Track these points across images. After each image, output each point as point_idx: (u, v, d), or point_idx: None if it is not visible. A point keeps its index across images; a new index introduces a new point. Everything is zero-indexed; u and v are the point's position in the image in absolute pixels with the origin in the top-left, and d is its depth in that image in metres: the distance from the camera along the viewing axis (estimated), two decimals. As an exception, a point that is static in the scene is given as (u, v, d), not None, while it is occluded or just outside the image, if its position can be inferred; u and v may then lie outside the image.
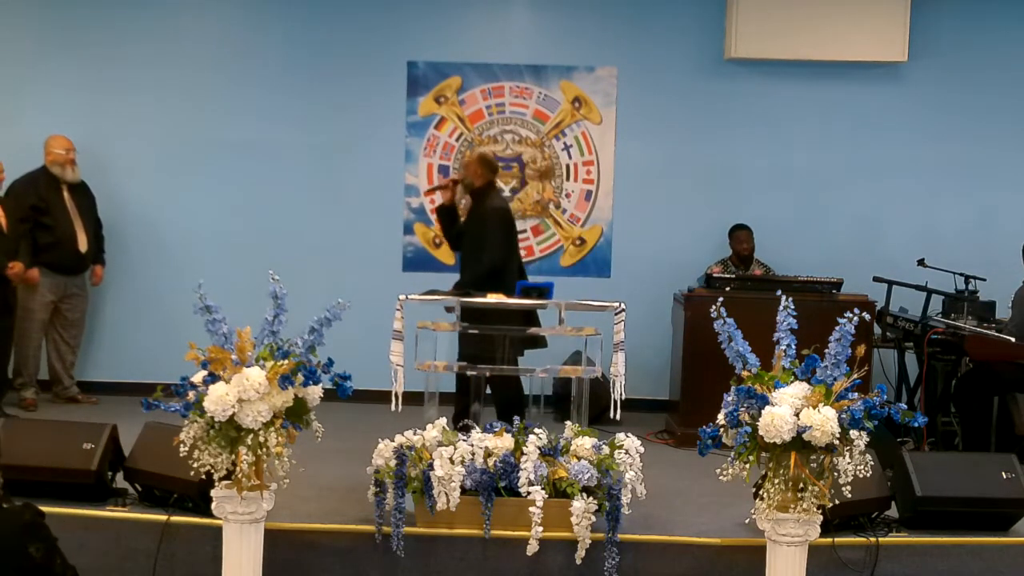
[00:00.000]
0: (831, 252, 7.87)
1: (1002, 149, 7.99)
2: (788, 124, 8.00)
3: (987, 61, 7.96)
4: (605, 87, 8.01)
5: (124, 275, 7.94)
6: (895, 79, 7.97)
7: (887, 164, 8.00)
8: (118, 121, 7.94)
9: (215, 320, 4.19)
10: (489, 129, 8.06)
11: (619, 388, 5.37)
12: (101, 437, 4.98)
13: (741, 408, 4.21)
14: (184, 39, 7.95)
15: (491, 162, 6.61)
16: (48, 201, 7.33)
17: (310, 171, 8.00)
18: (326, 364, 4.30)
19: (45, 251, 7.28)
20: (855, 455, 4.17)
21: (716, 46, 7.93)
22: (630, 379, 5.56)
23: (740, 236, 7.78)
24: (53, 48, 7.92)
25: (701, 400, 5.76)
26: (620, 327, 5.43)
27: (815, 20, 7.73)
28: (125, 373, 7.81)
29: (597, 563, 4.68)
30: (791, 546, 4.27)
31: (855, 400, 4.15)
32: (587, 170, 8.05)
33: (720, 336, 4.31)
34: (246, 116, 7.97)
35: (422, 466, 4.75)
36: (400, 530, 4.69)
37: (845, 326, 4.16)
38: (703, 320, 5.10)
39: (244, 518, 4.27)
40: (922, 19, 7.81)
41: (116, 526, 4.79)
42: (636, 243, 8.01)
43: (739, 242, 7.78)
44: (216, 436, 4.14)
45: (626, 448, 4.87)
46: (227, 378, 4.11)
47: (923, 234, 7.88)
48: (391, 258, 8.03)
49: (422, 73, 8.02)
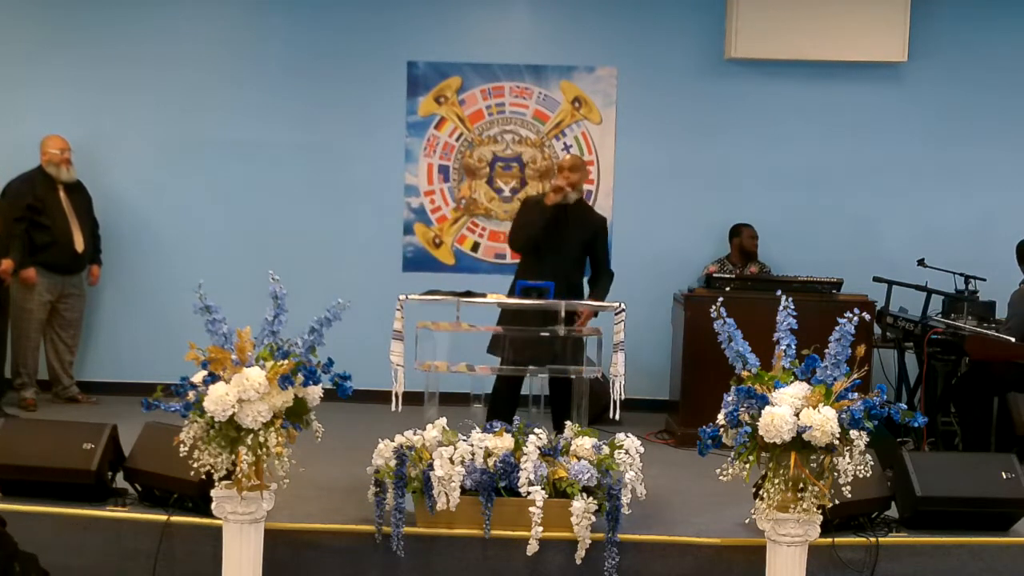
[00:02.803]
0: (831, 252, 7.87)
1: (1002, 149, 7.99)
2: (788, 124, 8.00)
3: (987, 61, 7.96)
4: (605, 87, 8.01)
5: (121, 275, 7.94)
6: (895, 79, 7.97)
7: (887, 164, 8.00)
8: (116, 121, 7.94)
9: (215, 320, 4.19)
10: (489, 129, 8.06)
11: (619, 388, 5.38)
12: (101, 437, 4.97)
13: (741, 408, 4.21)
14: (183, 39, 7.95)
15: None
16: (44, 201, 7.33)
17: (310, 171, 8.00)
18: (326, 364, 4.30)
19: (42, 251, 7.29)
20: (855, 455, 4.17)
21: (716, 46, 7.93)
22: (630, 379, 5.56)
23: (750, 233, 7.79)
24: (51, 48, 7.92)
25: (701, 400, 5.75)
26: (620, 327, 5.43)
27: (815, 20, 7.73)
28: (125, 373, 7.81)
29: (597, 563, 4.68)
30: (791, 546, 4.28)
31: (855, 400, 4.15)
32: (587, 170, 8.05)
33: (720, 336, 4.31)
34: (245, 116, 7.97)
35: (422, 466, 4.75)
36: (400, 530, 4.69)
37: (845, 326, 4.16)
38: (703, 320, 5.10)
39: (244, 518, 4.27)
40: (922, 19, 7.81)
41: (116, 526, 4.79)
42: (636, 243, 8.01)
43: (749, 238, 7.78)
44: (216, 436, 4.14)
45: (626, 448, 4.87)
46: (227, 378, 4.11)
47: (923, 234, 7.88)
48: (391, 258, 8.03)
49: (422, 73, 8.02)
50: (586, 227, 6.21)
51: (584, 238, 6.19)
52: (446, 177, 8.06)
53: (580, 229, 6.18)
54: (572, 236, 6.16)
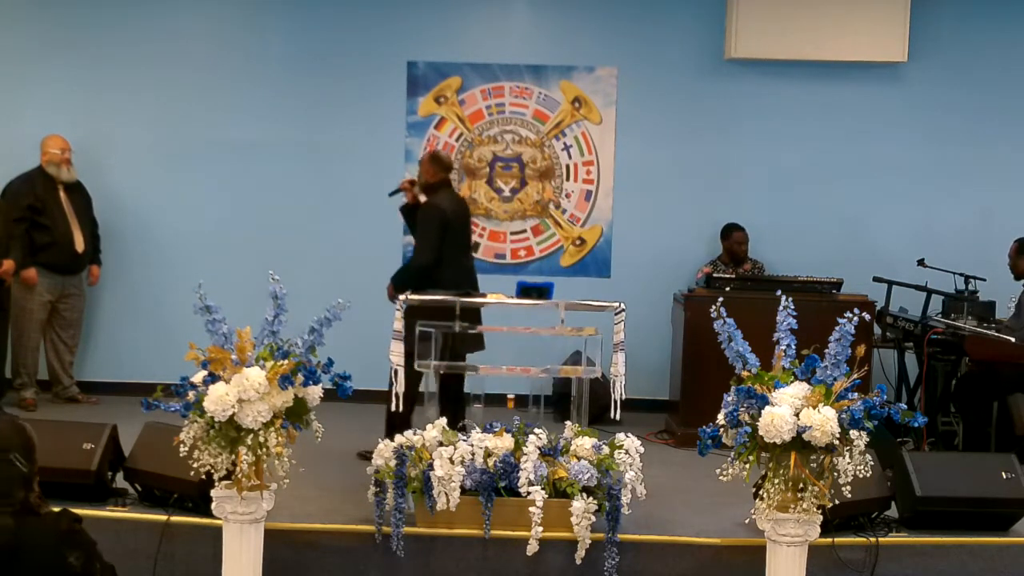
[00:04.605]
0: (831, 252, 7.86)
1: (1002, 149, 7.99)
2: (788, 124, 8.00)
3: (987, 61, 7.96)
4: (605, 87, 8.01)
5: (121, 275, 7.94)
6: (895, 79, 7.97)
7: (887, 164, 8.00)
8: (116, 121, 7.94)
9: (215, 320, 4.19)
10: (489, 129, 8.06)
11: (619, 388, 5.38)
12: (101, 437, 4.98)
13: (741, 408, 4.21)
14: (183, 39, 7.94)
15: (443, 160, 6.48)
16: (44, 201, 7.32)
17: (310, 171, 8.00)
18: (326, 364, 4.30)
19: (42, 251, 7.28)
20: (855, 455, 4.17)
21: (716, 46, 7.93)
22: (630, 379, 5.56)
23: (739, 237, 7.78)
24: (51, 48, 7.91)
25: (701, 400, 5.76)
26: (620, 327, 5.44)
27: (815, 20, 7.73)
28: (125, 373, 7.81)
29: (597, 563, 4.68)
30: (791, 546, 4.27)
31: (855, 400, 4.15)
32: (587, 170, 8.05)
33: (720, 336, 4.31)
34: (245, 116, 7.97)
35: (422, 466, 4.75)
36: (400, 530, 4.69)
37: (845, 326, 4.16)
38: (703, 320, 5.10)
39: (244, 518, 4.27)
40: (922, 19, 7.80)
41: (116, 526, 4.79)
42: (636, 243, 8.01)
43: (738, 243, 7.78)
44: (216, 436, 4.14)
45: (626, 448, 4.87)
46: (227, 378, 4.11)
47: (923, 234, 7.88)
48: (391, 258, 8.01)
49: (422, 73, 8.02)
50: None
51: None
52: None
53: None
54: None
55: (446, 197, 6.32)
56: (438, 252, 6.09)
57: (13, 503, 3.12)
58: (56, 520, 3.18)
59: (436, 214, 6.17)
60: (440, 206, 6.21)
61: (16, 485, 3.15)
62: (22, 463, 3.18)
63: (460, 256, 6.31)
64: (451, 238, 6.18)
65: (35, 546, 3.11)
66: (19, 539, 3.08)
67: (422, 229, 6.20)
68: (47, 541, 3.13)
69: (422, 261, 6.10)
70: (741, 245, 7.78)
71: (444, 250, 6.12)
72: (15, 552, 3.07)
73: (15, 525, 3.09)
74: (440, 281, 5.98)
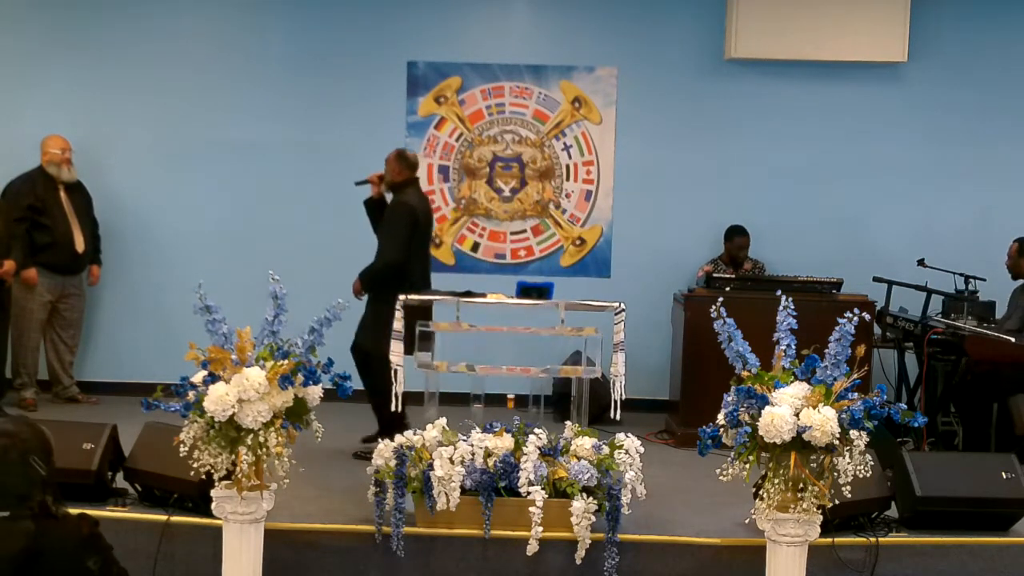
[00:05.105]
0: (830, 252, 7.86)
1: (1002, 149, 7.99)
2: (788, 124, 7.99)
3: (987, 61, 7.96)
4: (605, 87, 8.01)
5: (122, 275, 7.93)
6: (895, 79, 7.97)
7: (887, 164, 8.00)
8: (116, 121, 7.93)
9: (215, 320, 4.19)
10: (489, 129, 8.06)
11: (619, 388, 5.39)
12: (101, 437, 4.98)
13: (741, 408, 4.21)
14: (183, 39, 7.94)
15: (409, 159, 6.49)
16: (45, 201, 7.33)
17: (310, 171, 7.99)
18: (326, 364, 4.30)
19: (42, 251, 7.28)
20: (855, 455, 4.17)
21: (716, 46, 7.93)
22: (630, 379, 5.57)
23: (740, 242, 7.78)
24: (51, 48, 7.91)
25: (701, 400, 5.76)
26: (620, 327, 5.44)
27: (815, 20, 7.73)
28: (125, 373, 7.80)
29: (597, 563, 4.68)
30: (791, 546, 4.27)
31: (855, 400, 4.15)
32: (587, 170, 8.05)
33: (720, 336, 4.31)
34: (245, 116, 7.96)
35: (422, 466, 4.75)
36: (400, 530, 4.69)
37: (845, 326, 4.16)
38: (703, 320, 5.10)
39: (244, 518, 4.27)
40: (922, 19, 7.80)
41: (116, 526, 4.77)
42: (636, 243, 8.01)
43: (738, 248, 7.77)
44: (216, 436, 4.14)
45: (626, 448, 4.87)
46: (227, 378, 4.11)
47: (923, 234, 7.88)
48: (391, 258, 8.02)
49: (422, 73, 8.02)
50: None
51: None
52: (446, 177, 8.06)
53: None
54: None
55: (415, 195, 6.43)
56: (408, 250, 6.19)
57: (33, 506, 3.12)
58: (77, 524, 3.19)
59: (407, 212, 6.27)
60: (410, 204, 6.32)
61: (36, 488, 3.15)
62: (41, 466, 3.18)
63: (424, 253, 6.49)
64: (418, 236, 6.32)
65: (56, 550, 3.11)
66: (40, 543, 3.08)
67: (392, 226, 6.27)
68: (68, 545, 3.13)
69: (392, 258, 6.19)
70: (741, 251, 7.77)
71: (412, 247, 6.23)
72: (36, 556, 3.07)
73: (36, 529, 3.09)
74: (408, 278, 6.08)
